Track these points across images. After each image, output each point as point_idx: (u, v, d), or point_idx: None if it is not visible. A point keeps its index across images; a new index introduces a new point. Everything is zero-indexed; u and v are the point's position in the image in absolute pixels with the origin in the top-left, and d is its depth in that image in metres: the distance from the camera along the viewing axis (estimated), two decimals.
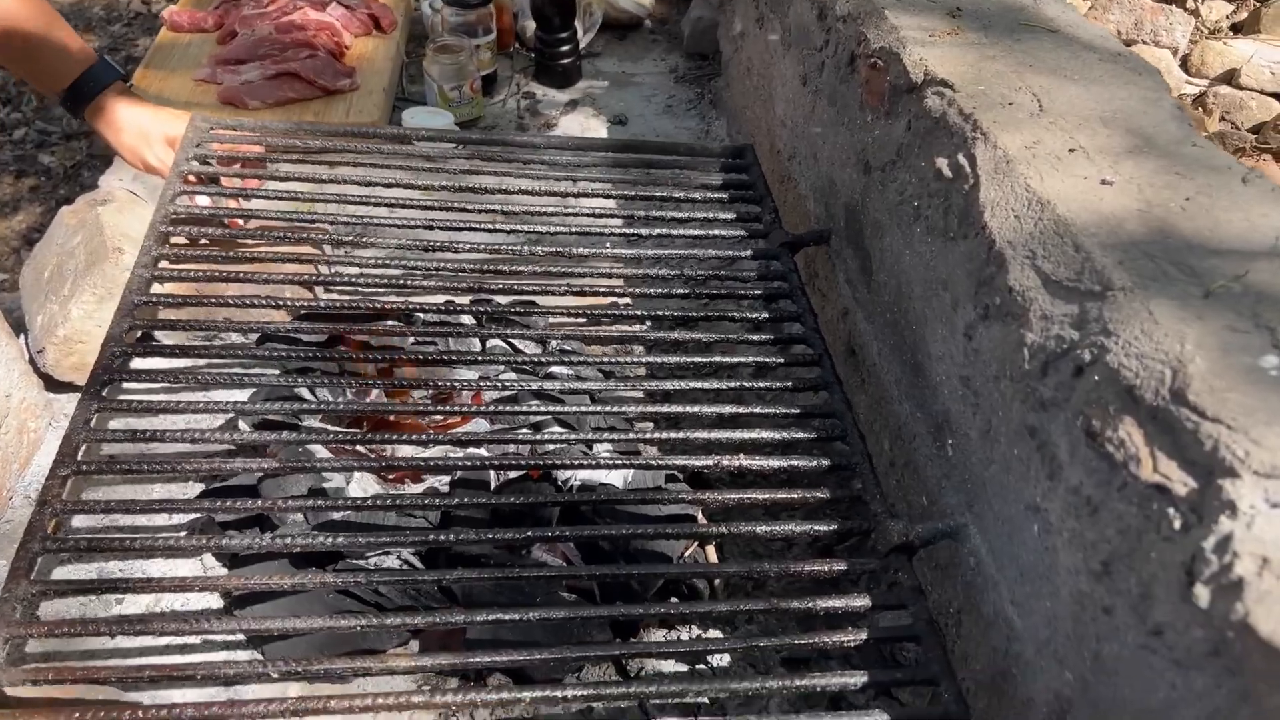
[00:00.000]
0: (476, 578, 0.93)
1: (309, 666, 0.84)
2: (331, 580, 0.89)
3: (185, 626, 0.87)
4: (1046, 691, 0.86)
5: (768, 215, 1.39)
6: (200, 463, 0.98)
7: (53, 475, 0.95)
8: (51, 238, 1.41)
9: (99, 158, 3.54)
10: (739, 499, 1.03)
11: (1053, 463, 0.84)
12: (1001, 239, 0.93)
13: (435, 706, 0.86)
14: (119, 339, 1.08)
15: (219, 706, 0.80)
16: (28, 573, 0.88)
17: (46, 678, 0.82)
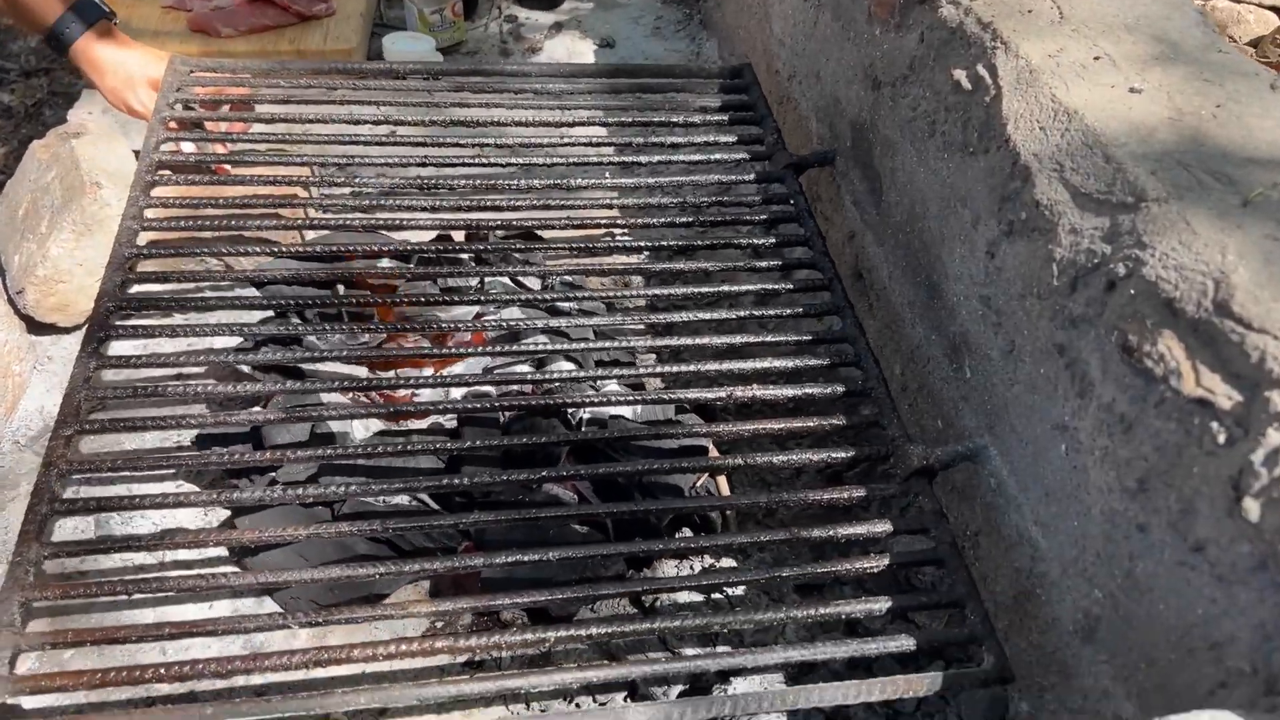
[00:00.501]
0: (494, 520, 0.90)
1: (330, 617, 0.82)
2: (348, 529, 0.87)
3: (202, 582, 0.84)
4: (1074, 610, 0.85)
5: (770, 136, 1.35)
6: (205, 416, 0.94)
7: (56, 435, 0.91)
8: (24, 173, 1.35)
9: (60, 95, 3.40)
10: (754, 429, 1.00)
11: (1083, 380, 0.82)
12: (1026, 152, 0.90)
13: (460, 650, 0.84)
14: (113, 293, 1.03)
15: (241, 660, 0.79)
16: (38, 535, 0.85)
17: (66, 640, 0.79)
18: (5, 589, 0.81)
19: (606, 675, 0.86)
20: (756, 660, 0.84)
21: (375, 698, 0.79)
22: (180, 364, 1.03)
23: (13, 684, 0.76)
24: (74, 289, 1.29)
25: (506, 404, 1.02)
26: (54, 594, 0.83)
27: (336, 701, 0.79)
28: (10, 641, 0.79)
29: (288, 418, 0.95)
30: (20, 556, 0.83)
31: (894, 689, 0.82)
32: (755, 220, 1.24)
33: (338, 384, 1.00)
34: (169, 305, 1.05)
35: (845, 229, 1.32)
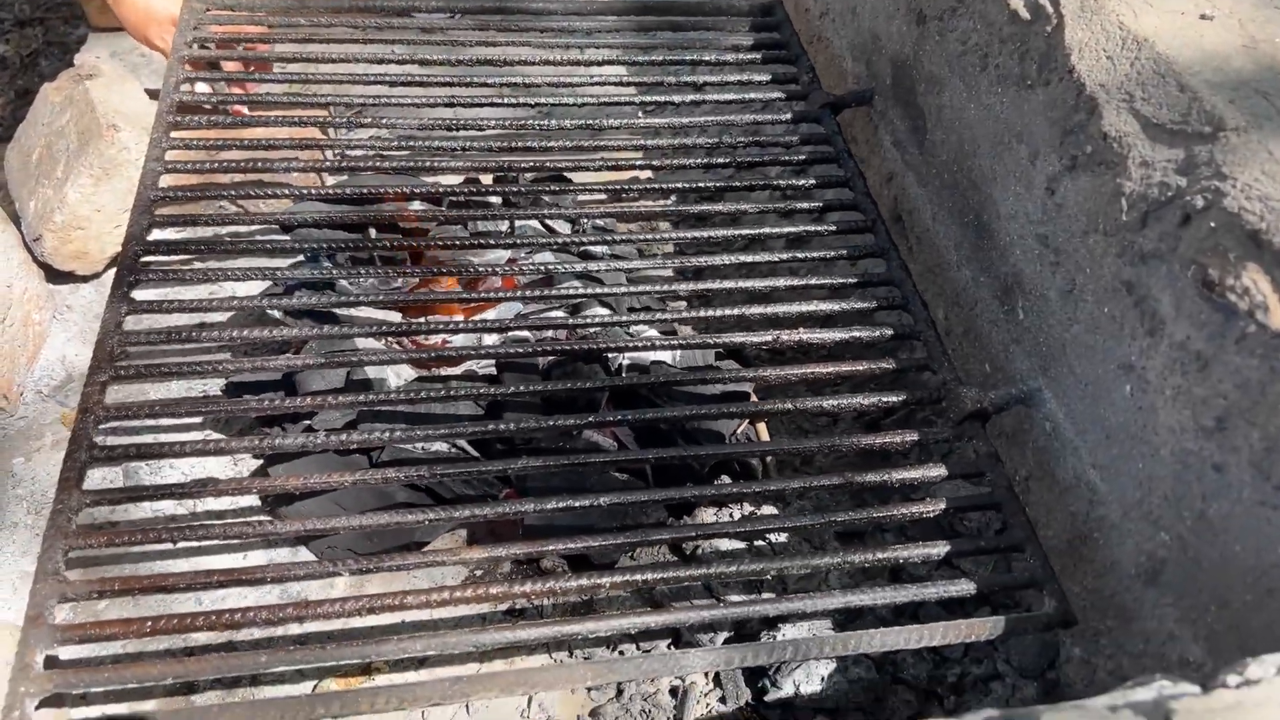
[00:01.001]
0: (541, 466, 0.88)
1: (380, 564, 0.80)
2: (393, 475, 0.85)
3: (247, 529, 0.82)
4: (1136, 553, 0.84)
5: (805, 75, 1.31)
6: (242, 362, 0.92)
7: (90, 381, 0.89)
8: (36, 117, 1.31)
9: (56, 44, 3.33)
10: (803, 373, 0.98)
11: (1153, 318, 0.80)
12: (1092, 82, 0.86)
13: (504, 597, 0.82)
14: (139, 237, 1.00)
15: (293, 608, 0.77)
16: (78, 483, 0.83)
17: (113, 588, 0.77)
18: (48, 537, 0.79)
19: (654, 621, 0.85)
20: (814, 605, 0.83)
21: (431, 644, 0.77)
22: (211, 308, 1.00)
23: (60, 633, 0.75)
24: (92, 236, 1.25)
25: (547, 349, 1.00)
26: (98, 542, 0.80)
27: (391, 649, 0.77)
28: (55, 590, 0.77)
29: (326, 363, 0.93)
30: (62, 504, 0.81)
31: (955, 634, 0.80)
32: (792, 161, 1.21)
33: (373, 329, 0.97)
34: (197, 249, 1.02)
35: (883, 170, 1.29)
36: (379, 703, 0.74)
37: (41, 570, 0.78)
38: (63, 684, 0.73)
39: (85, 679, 0.73)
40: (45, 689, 0.72)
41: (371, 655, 0.77)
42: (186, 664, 0.75)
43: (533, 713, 0.95)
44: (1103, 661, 0.89)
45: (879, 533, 1.11)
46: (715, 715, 0.95)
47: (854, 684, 0.94)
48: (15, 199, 1.30)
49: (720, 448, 0.98)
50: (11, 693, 0.71)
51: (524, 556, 0.85)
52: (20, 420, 1.15)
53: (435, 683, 0.76)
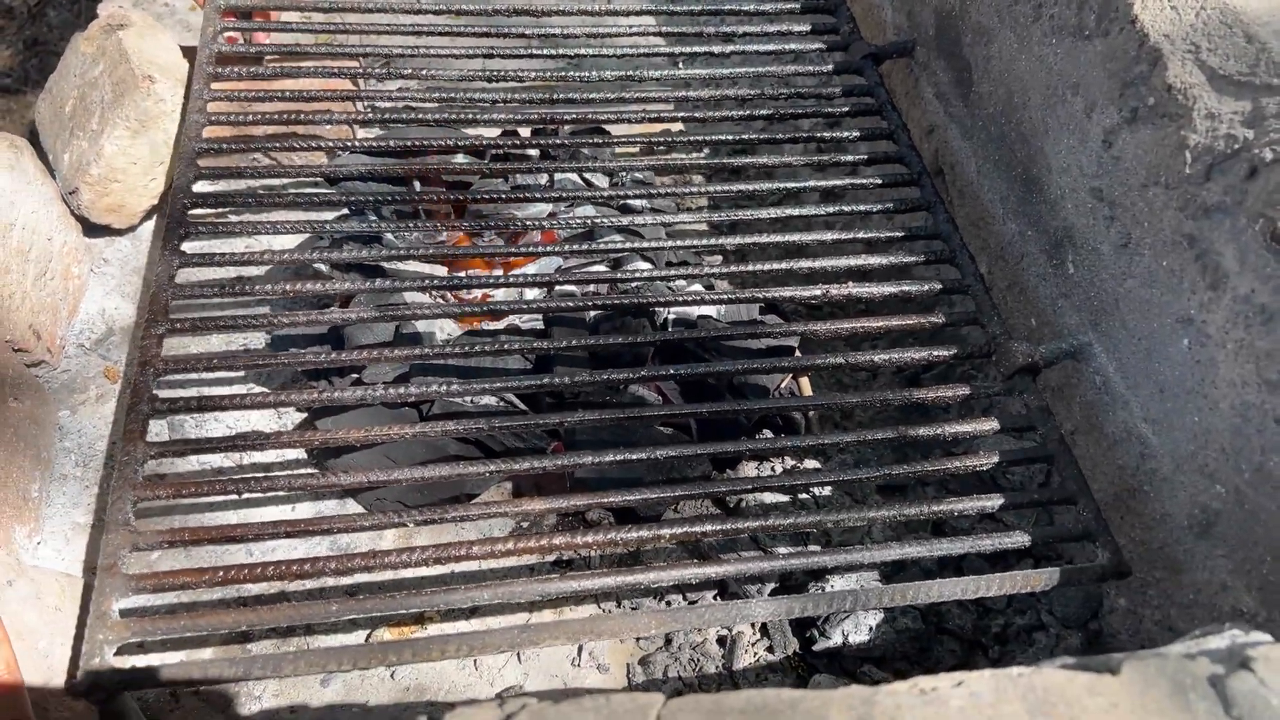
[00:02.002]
0: (597, 420, 0.88)
1: (442, 514, 0.81)
2: (453, 427, 0.85)
3: (312, 480, 0.83)
4: (1189, 505, 0.84)
5: (845, 26, 1.29)
6: (296, 315, 0.92)
7: (147, 334, 0.89)
8: (68, 68, 1.29)
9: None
10: (853, 328, 0.98)
11: (1215, 272, 0.80)
12: (1156, 33, 0.85)
13: (575, 546, 0.83)
14: (186, 189, 0.99)
15: (361, 558, 0.78)
16: (143, 435, 0.83)
17: (182, 538, 0.78)
18: (117, 488, 0.80)
19: (713, 572, 0.86)
20: (868, 557, 0.84)
21: (497, 593, 0.78)
22: (259, 262, 1.00)
23: (135, 581, 0.76)
24: (128, 189, 1.24)
25: (595, 304, 1.00)
26: (165, 494, 0.81)
27: (459, 597, 0.79)
28: (127, 540, 0.77)
29: (378, 317, 0.93)
30: (129, 456, 0.82)
31: (1013, 584, 0.81)
32: (834, 113, 1.20)
33: (422, 283, 0.97)
34: (243, 201, 1.02)
35: (924, 123, 1.28)
36: (449, 650, 0.75)
37: (113, 521, 0.79)
38: (139, 631, 0.74)
39: (162, 626, 0.74)
40: (124, 636, 0.73)
41: (440, 604, 0.78)
42: (260, 612, 0.76)
43: (583, 660, 0.96)
44: (1149, 612, 0.90)
45: (920, 487, 1.11)
46: (763, 664, 0.97)
47: (901, 634, 0.95)
48: (48, 151, 1.29)
49: (767, 401, 0.99)
50: (90, 640, 0.72)
51: (583, 508, 0.86)
52: (64, 373, 1.16)
53: (503, 630, 0.77)
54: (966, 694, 0.52)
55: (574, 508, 0.87)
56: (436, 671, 0.94)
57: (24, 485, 0.99)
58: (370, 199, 1.04)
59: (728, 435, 1.07)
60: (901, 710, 0.50)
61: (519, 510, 0.85)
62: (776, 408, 0.98)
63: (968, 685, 0.52)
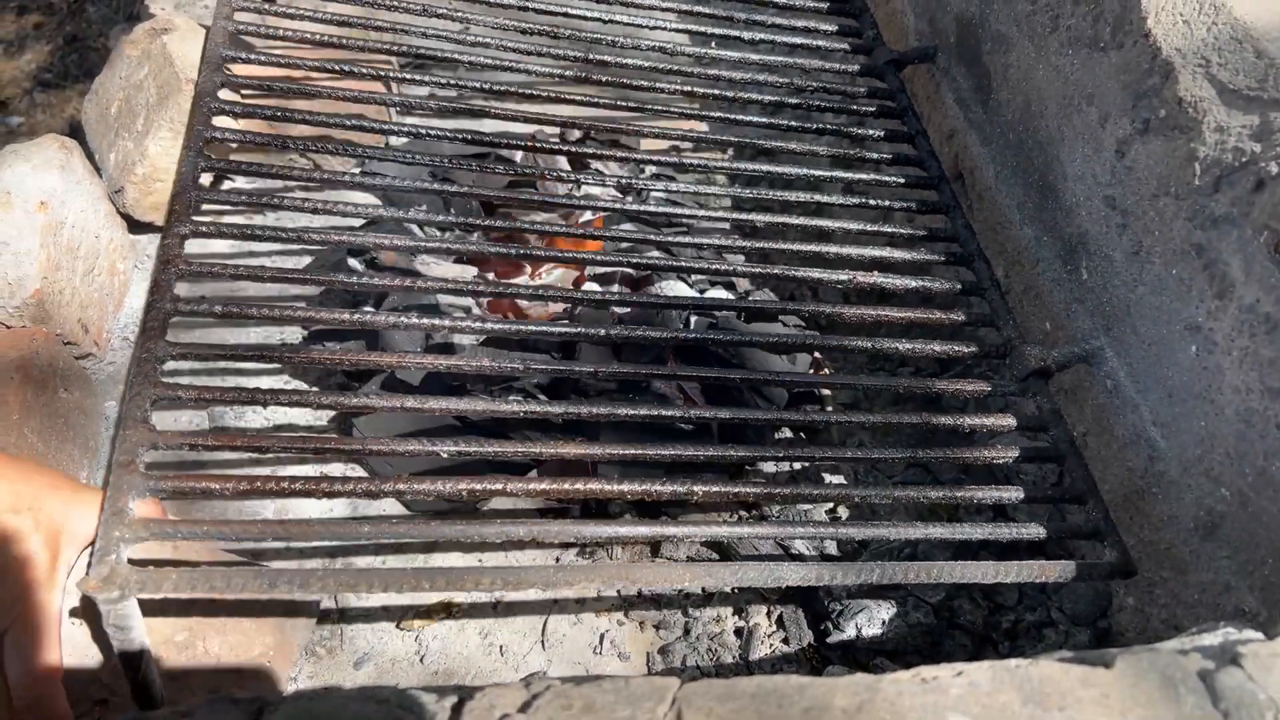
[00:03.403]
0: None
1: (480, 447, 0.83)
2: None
3: (343, 399, 0.84)
4: (1195, 507, 0.87)
5: (869, 30, 1.32)
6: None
7: (169, 233, 0.90)
8: (114, 70, 1.34)
9: None
10: (877, 315, 1.01)
11: (1222, 281, 0.82)
12: (1168, 46, 0.87)
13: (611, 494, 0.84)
14: (212, 93, 1.04)
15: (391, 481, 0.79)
16: (162, 333, 0.85)
17: (205, 441, 0.79)
18: (135, 384, 0.80)
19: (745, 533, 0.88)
20: (897, 534, 0.86)
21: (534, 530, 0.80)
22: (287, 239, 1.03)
23: (150, 479, 0.75)
24: (170, 188, 1.29)
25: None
26: (188, 394, 0.82)
27: (495, 531, 0.79)
28: (145, 437, 0.77)
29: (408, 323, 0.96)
30: (147, 353, 0.83)
31: (1029, 573, 0.84)
32: (856, 115, 1.23)
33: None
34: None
35: (944, 128, 1.30)
36: (484, 583, 0.75)
37: (130, 417, 0.78)
38: (158, 529, 0.72)
39: (183, 528, 0.73)
40: (139, 534, 0.71)
41: (475, 535, 0.79)
42: (288, 527, 0.77)
43: (605, 648, 1.00)
44: (1156, 611, 0.93)
45: (936, 479, 1.14)
46: (779, 655, 1.00)
47: (913, 628, 0.98)
48: (94, 150, 1.34)
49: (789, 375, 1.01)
50: (105, 538, 0.70)
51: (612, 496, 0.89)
52: (109, 365, 1.20)
53: (538, 569, 0.78)
54: (965, 683, 0.55)
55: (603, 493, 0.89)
56: (464, 657, 0.98)
57: (74, 473, 1.04)
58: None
59: (750, 434, 1.10)
60: (903, 696, 0.53)
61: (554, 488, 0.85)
62: (800, 381, 0.99)
63: (967, 675, 0.55)
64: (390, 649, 0.98)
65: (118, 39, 3.04)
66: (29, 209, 1.10)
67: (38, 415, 1.01)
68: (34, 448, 0.99)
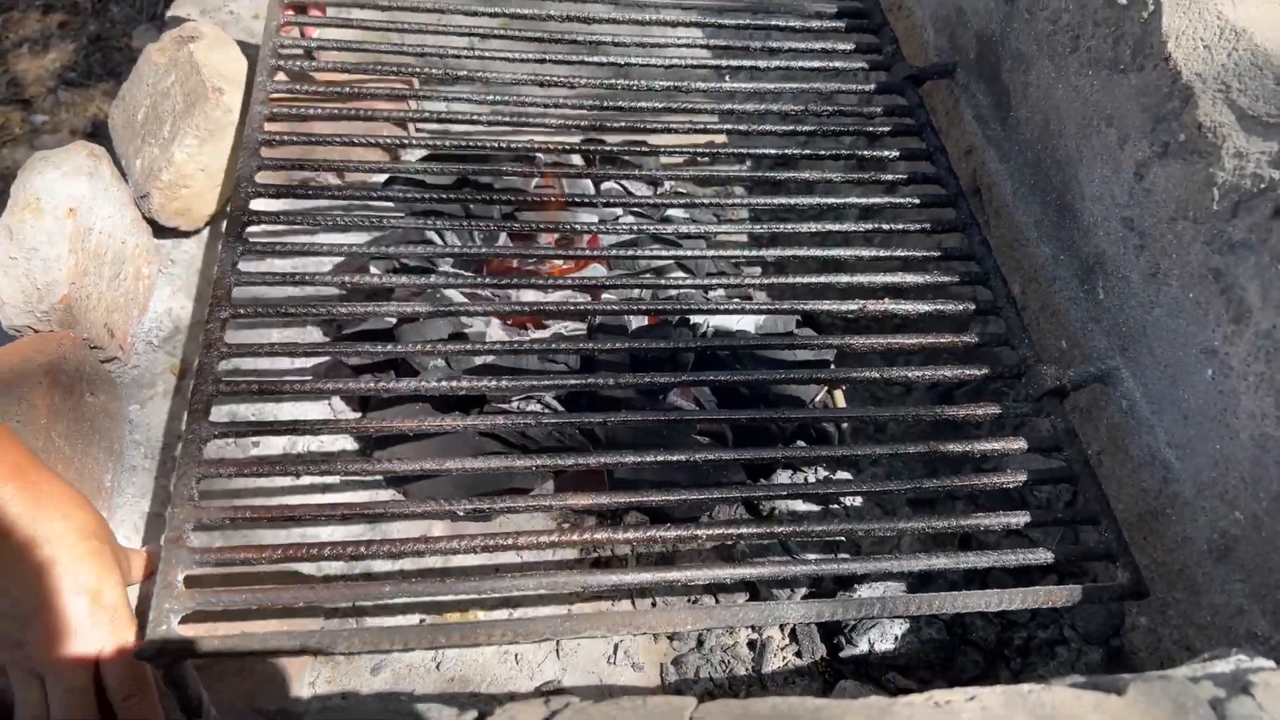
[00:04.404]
0: (640, 420, 0.93)
1: (492, 504, 0.85)
2: (503, 422, 0.90)
3: (367, 467, 0.88)
4: (1209, 530, 0.87)
5: (888, 46, 1.33)
6: (355, 307, 0.97)
7: (212, 318, 0.94)
8: (140, 77, 1.36)
9: None
10: (888, 343, 1.02)
11: (1239, 306, 0.82)
12: (1188, 71, 0.88)
13: (617, 541, 0.89)
14: (249, 179, 1.05)
15: (413, 542, 0.82)
16: (206, 414, 0.89)
17: (245, 515, 0.83)
18: (183, 464, 0.85)
19: (749, 574, 0.90)
20: (896, 566, 0.87)
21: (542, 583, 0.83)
22: (325, 252, 1.05)
23: (198, 554, 0.81)
24: (195, 194, 1.31)
25: (638, 309, 1.04)
26: (228, 472, 0.87)
27: (506, 585, 0.84)
28: (192, 514, 0.83)
29: (434, 312, 0.98)
30: (193, 434, 0.87)
31: (1033, 599, 0.85)
32: (874, 132, 1.23)
33: (473, 284, 1.03)
34: (308, 193, 1.08)
35: (962, 143, 1.30)
36: (495, 635, 0.80)
37: (179, 495, 0.84)
38: (204, 602, 0.79)
39: (224, 598, 0.80)
40: (188, 606, 0.78)
41: (487, 590, 0.83)
42: (316, 590, 0.82)
43: (619, 659, 1.01)
44: (1169, 631, 0.93)
45: (950, 501, 1.15)
46: (791, 668, 1.01)
47: (925, 644, 0.99)
48: (120, 156, 1.35)
49: (802, 411, 1.03)
50: (157, 609, 0.78)
51: (623, 506, 0.90)
52: (133, 369, 1.22)
53: (546, 620, 0.82)
54: (978, 708, 0.55)
55: (615, 504, 0.91)
56: (479, 665, 0.99)
57: (99, 476, 1.06)
58: (423, 198, 1.09)
59: (762, 443, 1.11)
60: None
61: (563, 504, 0.89)
62: (811, 418, 1.02)
63: (980, 700, 0.56)
64: (407, 655, 0.99)
65: (142, 40, 3.07)
66: (58, 215, 1.12)
67: (65, 419, 1.03)
68: (61, 451, 1.00)
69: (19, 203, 1.13)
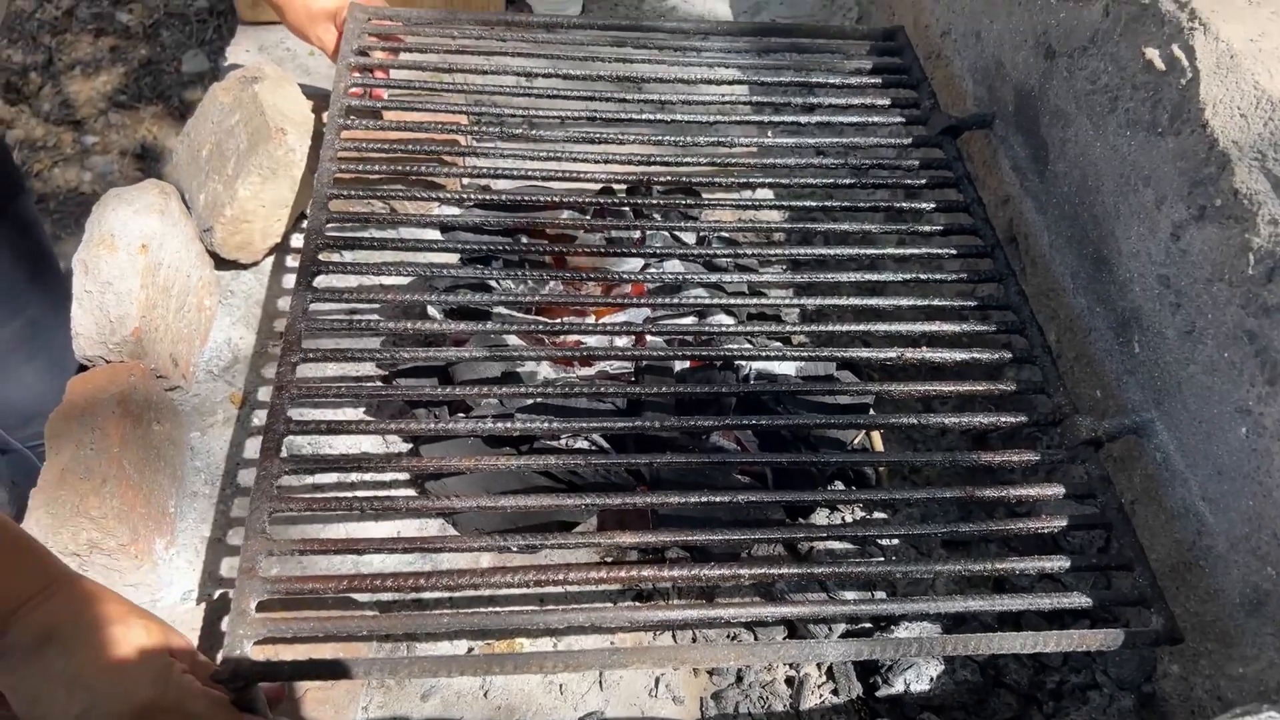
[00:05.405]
0: (684, 463, 0.97)
1: (543, 541, 0.89)
2: (553, 462, 0.95)
3: (427, 503, 0.92)
4: (1241, 584, 0.90)
5: (925, 100, 1.36)
6: (417, 351, 1.02)
7: (283, 361, 0.99)
8: (206, 115, 1.42)
9: (176, 16, 3.49)
10: (925, 390, 1.05)
11: (1273, 369, 0.85)
12: (1225, 139, 0.91)
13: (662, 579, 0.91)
14: (319, 231, 1.10)
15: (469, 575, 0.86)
16: (277, 452, 0.93)
17: (313, 548, 0.88)
18: (255, 499, 0.90)
19: (789, 613, 0.93)
20: (933, 608, 0.90)
21: (591, 617, 0.86)
22: (377, 301, 1.10)
23: (270, 584, 0.86)
24: (256, 229, 1.36)
25: (683, 354, 1.08)
26: (298, 507, 0.91)
27: (556, 619, 0.89)
28: (263, 546, 0.87)
29: (488, 356, 1.02)
30: (265, 470, 0.92)
31: (1070, 643, 0.87)
32: (914, 185, 1.27)
33: (526, 328, 1.07)
34: (367, 246, 1.12)
35: (1000, 192, 1.34)
36: (546, 665, 0.85)
37: (251, 529, 0.89)
38: (275, 629, 0.84)
39: (294, 626, 0.84)
40: (260, 632, 0.83)
41: (538, 623, 0.87)
42: (380, 620, 0.86)
43: (660, 691, 1.04)
44: (1200, 681, 0.95)
45: (984, 544, 1.17)
46: (828, 706, 1.03)
47: (960, 685, 1.01)
48: (184, 190, 1.41)
49: (841, 454, 1.06)
50: (231, 634, 0.83)
51: (668, 544, 0.94)
52: (194, 397, 1.27)
53: (594, 652, 0.88)
54: None
55: (660, 543, 0.95)
56: (525, 694, 1.02)
57: (163, 502, 1.10)
58: (480, 248, 1.14)
59: (802, 485, 1.14)
60: None
61: (610, 542, 0.93)
62: (850, 461, 1.05)
63: None
64: (456, 682, 1.03)
65: (192, 65, 3.14)
66: (131, 251, 1.17)
67: (135, 447, 1.07)
68: (130, 478, 1.05)
69: (94, 239, 1.19)
